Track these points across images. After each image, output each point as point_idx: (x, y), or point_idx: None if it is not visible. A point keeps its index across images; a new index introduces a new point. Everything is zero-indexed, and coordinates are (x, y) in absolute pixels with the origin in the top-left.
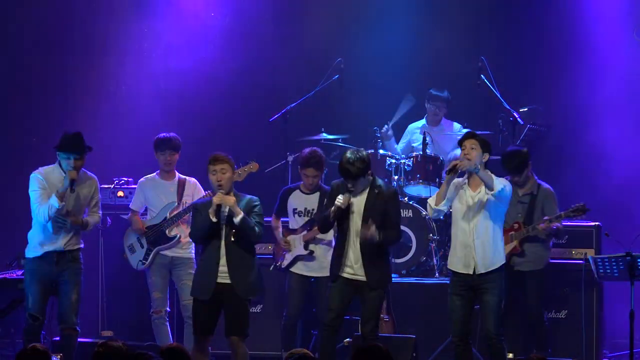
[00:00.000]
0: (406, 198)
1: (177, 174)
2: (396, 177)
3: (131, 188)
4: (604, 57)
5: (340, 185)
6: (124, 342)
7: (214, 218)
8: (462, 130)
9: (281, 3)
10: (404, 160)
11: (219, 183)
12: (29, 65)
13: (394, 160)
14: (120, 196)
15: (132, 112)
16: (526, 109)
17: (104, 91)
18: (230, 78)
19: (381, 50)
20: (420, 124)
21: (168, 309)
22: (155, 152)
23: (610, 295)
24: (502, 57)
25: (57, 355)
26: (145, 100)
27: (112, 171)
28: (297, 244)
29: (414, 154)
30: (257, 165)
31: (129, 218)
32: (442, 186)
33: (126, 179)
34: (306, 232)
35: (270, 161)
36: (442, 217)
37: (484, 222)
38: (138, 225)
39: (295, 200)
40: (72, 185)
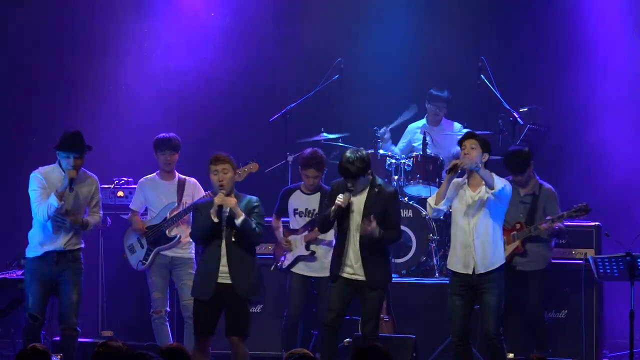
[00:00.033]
0: (406, 198)
1: (177, 174)
2: (396, 177)
3: (131, 188)
4: (604, 57)
5: (340, 184)
6: (124, 342)
7: (216, 218)
8: (462, 130)
9: (281, 3)
10: (404, 160)
11: (221, 183)
12: (29, 65)
13: (394, 160)
14: (120, 196)
15: (132, 112)
16: (526, 109)
17: (104, 91)
18: (230, 78)
19: (381, 50)
20: (421, 123)
21: (168, 309)
22: (155, 153)
23: (610, 295)
24: (502, 57)
25: (57, 355)
26: (145, 100)
27: (112, 171)
28: (299, 244)
29: (414, 154)
30: (257, 165)
31: (129, 218)
32: (442, 185)
33: (126, 179)
34: (307, 233)
35: (270, 161)
36: (442, 217)
37: (484, 222)
38: (138, 226)
39: (296, 201)
40: (71, 185)
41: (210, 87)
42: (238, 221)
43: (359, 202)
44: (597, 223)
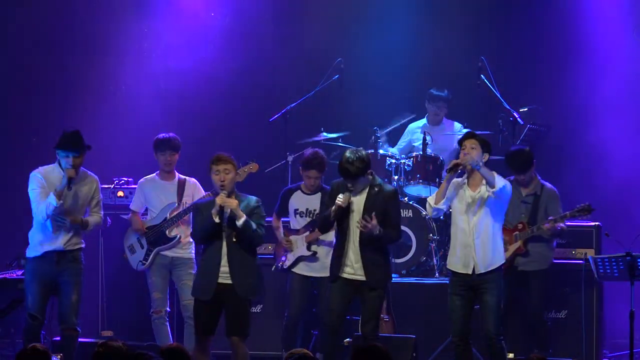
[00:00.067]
0: (406, 198)
1: (176, 174)
2: (396, 177)
3: (131, 188)
4: (604, 57)
5: (340, 184)
6: (124, 342)
7: (217, 219)
8: (462, 130)
9: (281, 3)
10: (404, 160)
11: (222, 183)
12: (29, 65)
13: (394, 160)
14: (120, 196)
15: (132, 112)
16: (526, 109)
17: (104, 91)
18: (230, 78)
19: (381, 50)
20: (421, 123)
21: (168, 309)
22: (155, 153)
23: (610, 295)
24: (502, 57)
25: (57, 355)
26: (145, 100)
27: (112, 171)
28: (300, 245)
29: (414, 154)
30: (257, 165)
31: (130, 219)
32: (442, 185)
33: (126, 179)
34: (309, 233)
35: (270, 161)
36: (442, 217)
37: (484, 221)
38: (138, 225)
39: (297, 201)
40: (69, 184)
41: (210, 87)
42: (239, 223)
43: (358, 202)
44: (597, 223)
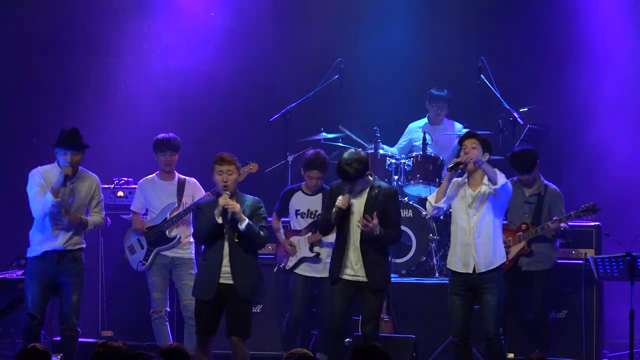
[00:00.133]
0: (406, 198)
1: (176, 174)
2: (396, 177)
3: (131, 188)
4: (604, 57)
5: (339, 185)
6: (124, 342)
7: (220, 220)
8: (462, 130)
9: (281, 3)
10: (404, 160)
11: (225, 184)
12: (29, 65)
13: (394, 160)
14: (120, 196)
15: (132, 112)
16: (526, 109)
17: (104, 91)
18: (230, 78)
19: (381, 50)
20: (422, 123)
21: (168, 309)
22: (155, 153)
23: (610, 295)
24: (502, 57)
25: (57, 355)
26: (145, 100)
27: (112, 171)
28: (302, 246)
29: (414, 154)
30: (256, 165)
31: (130, 219)
32: (442, 183)
33: (126, 179)
34: (311, 234)
35: (270, 161)
36: (441, 217)
37: (484, 220)
38: (138, 225)
39: (298, 202)
40: (65, 181)
41: (210, 87)
42: (242, 226)
43: (359, 203)
44: (597, 223)
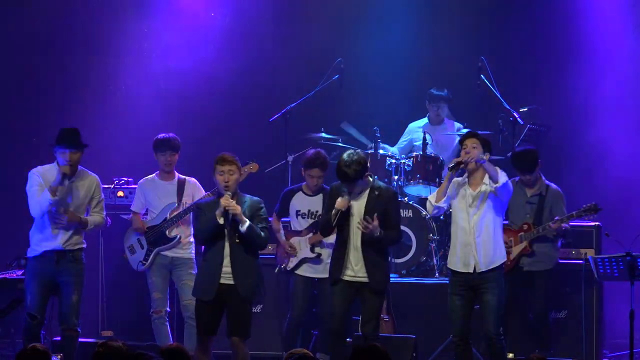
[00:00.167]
0: (406, 198)
1: (176, 174)
2: (396, 177)
3: (131, 188)
4: (604, 57)
5: (339, 186)
6: (124, 342)
7: (222, 220)
8: (462, 130)
9: (281, 3)
10: (404, 160)
11: (226, 184)
12: (29, 65)
13: (394, 160)
14: (120, 196)
15: (132, 112)
16: (526, 109)
17: (104, 91)
18: (230, 78)
19: (381, 50)
20: (422, 122)
21: (168, 309)
22: (155, 153)
23: (610, 295)
24: (502, 57)
25: (57, 355)
26: (145, 100)
27: (112, 171)
28: (303, 246)
29: (414, 154)
30: (257, 165)
31: (131, 219)
32: (443, 183)
33: (126, 179)
34: (312, 235)
35: (270, 161)
36: (442, 217)
37: (484, 220)
38: (138, 224)
39: (298, 202)
40: (63, 179)
41: (210, 87)
42: (243, 228)
43: (359, 205)
44: (597, 223)
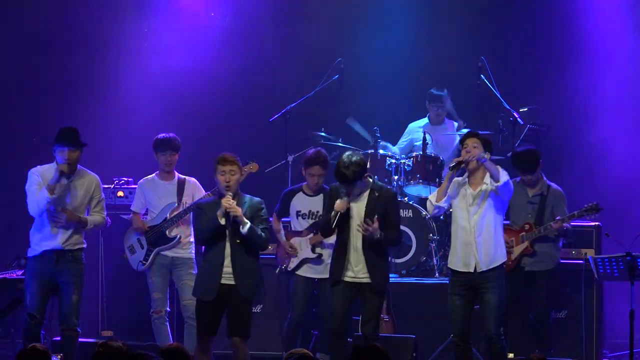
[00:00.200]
0: (406, 198)
1: (176, 174)
2: (396, 177)
3: (131, 188)
4: (604, 57)
5: (338, 187)
6: (124, 342)
7: (223, 221)
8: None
9: (281, 3)
10: (404, 160)
11: (227, 184)
12: (29, 65)
13: (394, 160)
14: (120, 196)
15: (132, 112)
16: (526, 109)
17: (104, 91)
18: (230, 78)
19: (381, 50)
20: (422, 122)
21: (168, 309)
22: (155, 153)
23: (610, 295)
24: (502, 57)
25: (57, 355)
26: (145, 100)
27: (112, 171)
28: (304, 247)
29: (414, 154)
30: (256, 165)
31: (131, 219)
32: (443, 182)
33: (126, 179)
34: (313, 235)
35: (270, 161)
36: (442, 217)
37: (485, 219)
38: (138, 224)
39: (299, 203)
40: (60, 177)
41: (210, 87)
42: (244, 230)
43: (359, 206)
44: (597, 223)
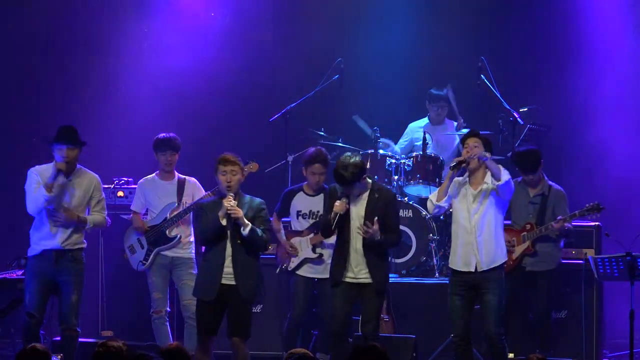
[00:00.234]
0: (406, 198)
1: (176, 174)
2: (396, 177)
3: (131, 188)
4: (604, 57)
5: (338, 188)
6: (124, 342)
7: (224, 222)
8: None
9: (281, 3)
10: (404, 160)
11: (229, 184)
12: (29, 65)
13: (394, 160)
14: (120, 196)
15: (132, 112)
16: (526, 109)
17: (104, 91)
18: (230, 78)
19: (381, 50)
20: (423, 122)
21: (168, 309)
22: (155, 153)
23: (610, 295)
24: (502, 57)
25: (57, 355)
26: (145, 100)
27: (112, 171)
28: (304, 247)
29: (414, 154)
30: (257, 165)
31: (131, 219)
32: (444, 182)
33: (126, 179)
34: (313, 235)
35: (270, 161)
36: (442, 217)
37: (485, 219)
38: (138, 224)
39: (299, 202)
40: (57, 175)
41: (210, 87)
42: (245, 232)
43: (358, 208)
44: (597, 223)
